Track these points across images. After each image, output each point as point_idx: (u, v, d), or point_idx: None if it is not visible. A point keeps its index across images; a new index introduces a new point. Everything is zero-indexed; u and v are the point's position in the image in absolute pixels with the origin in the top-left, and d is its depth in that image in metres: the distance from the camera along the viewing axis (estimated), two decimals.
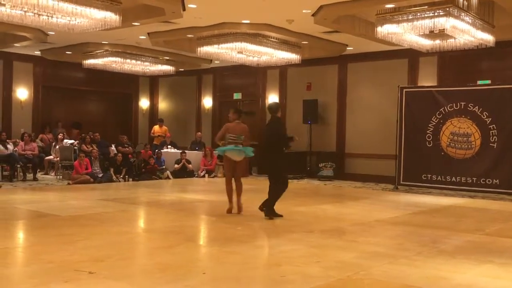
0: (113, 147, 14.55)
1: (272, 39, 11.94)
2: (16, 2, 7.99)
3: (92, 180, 12.27)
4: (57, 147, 14.05)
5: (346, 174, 14.35)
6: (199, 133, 16.68)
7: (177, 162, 14.33)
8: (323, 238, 6.12)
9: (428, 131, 11.66)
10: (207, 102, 17.84)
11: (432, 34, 9.68)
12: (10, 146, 12.77)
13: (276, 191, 7.39)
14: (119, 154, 13.59)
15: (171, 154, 14.85)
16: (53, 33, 12.24)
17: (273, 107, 7.73)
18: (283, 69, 15.45)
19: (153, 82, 19.24)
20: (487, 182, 10.93)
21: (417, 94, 12.17)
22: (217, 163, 14.71)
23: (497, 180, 10.80)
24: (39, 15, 8.84)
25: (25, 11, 8.65)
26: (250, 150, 7.68)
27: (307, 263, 4.87)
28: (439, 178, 11.50)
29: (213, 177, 14.42)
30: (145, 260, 5.20)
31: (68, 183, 12.17)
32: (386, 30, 9.14)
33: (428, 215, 8.32)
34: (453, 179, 11.32)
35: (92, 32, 10.27)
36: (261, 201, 7.55)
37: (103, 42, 13.64)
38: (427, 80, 13.11)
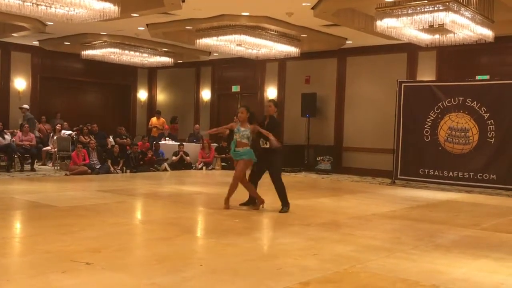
0: (111, 139, 14.54)
1: (271, 32, 11.91)
2: None
3: (89, 171, 12.26)
4: (55, 137, 14.04)
5: (343, 168, 14.37)
6: (197, 125, 16.66)
7: (175, 154, 14.33)
8: (320, 231, 6.14)
9: (426, 126, 11.67)
10: (206, 94, 17.81)
11: (431, 28, 9.67)
12: (8, 137, 12.75)
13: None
14: (116, 146, 13.59)
15: (169, 146, 14.84)
16: (52, 23, 12.18)
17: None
18: (282, 62, 15.42)
19: (151, 74, 19.21)
20: (484, 177, 10.95)
21: (415, 88, 12.16)
22: (215, 156, 14.72)
23: (494, 175, 10.82)
24: (37, 5, 8.80)
25: (23, 1, 8.61)
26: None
27: (304, 255, 4.89)
28: (436, 172, 11.52)
29: (211, 169, 14.43)
30: (142, 251, 5.21)
31: (66, 174, 12.17)
32: (385, 24, 9.13)
33: (425, 209, 8.35)
34: (450, 174, 11.34)
35: (91, 23, 10.24)
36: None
37: (101, 33, 13.60)
38: (426, 74, 13.11)
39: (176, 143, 15.02)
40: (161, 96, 19.22)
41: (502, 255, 5.23)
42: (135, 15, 10.86)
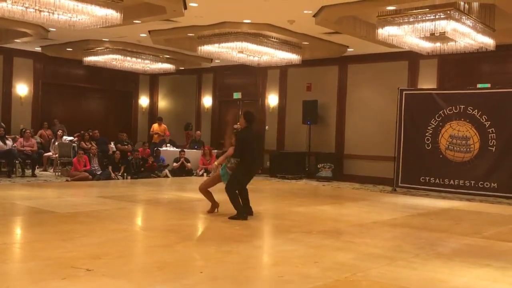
0: (112, 145, 14.55)
1: (273, 39, 11.94)
2: None
3: (90, 177, 12.26)
4: (56, 143, 14.05)
5: (344, 175, 14.36)
6: (199, 132, 16.68)
7: (176, 160, 14.33)
8: (321, 239, 6.12)
9: (427, 134, 11.67)
10: (207, 101, 17.84)
11: (432, 36, 9.69)
12: (9, 142, 12.76)
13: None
14: (117, 152, 13.60)
15: (170, 153, 14.85)
16: (54, 29, 12.23)
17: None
18: (284, 69, 15.45)
19: (153, 80, 19.25)
20: (485, 185, 10.93)
21: (416, 96, 12.18)
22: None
23: (495, 184, 10.81)
24: (40, 11, 8.85)
25: (26, 7, 8.65)
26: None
27: (305, 263, 4.87)
28: (437, 180, 11.51)
29: (211, 176, 14.40)
30: (143, 258, 5.20)
31: (67, 180, 12.17)
32: (387, 32, 9.15)
33: (426, 217, 8.32)
34: (451, 182, 11.33)
35: (93, 29, 10.28)
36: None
37: (103, 40, 13.64)
38: (427, 82, 13.12)
39: (177, 149, 15.02)
40: (162, 103, 19.24)
41: (503, 263, 5.21)
42: (137, 22, 10.90)
